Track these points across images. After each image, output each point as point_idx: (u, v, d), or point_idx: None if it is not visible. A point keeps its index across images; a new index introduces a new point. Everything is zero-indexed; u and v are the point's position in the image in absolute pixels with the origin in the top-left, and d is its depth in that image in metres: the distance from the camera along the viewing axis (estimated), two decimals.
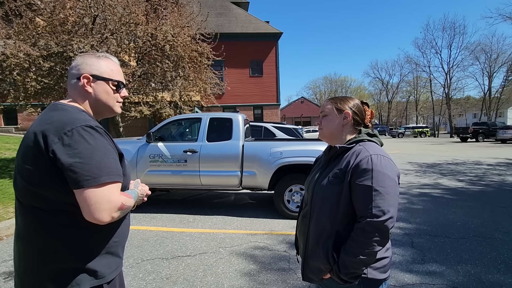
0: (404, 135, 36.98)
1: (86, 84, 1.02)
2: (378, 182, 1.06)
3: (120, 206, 0.90)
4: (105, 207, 0.86)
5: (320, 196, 1.18)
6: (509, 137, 21.34)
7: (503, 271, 2.82)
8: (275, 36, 22.81)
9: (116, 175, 0.92)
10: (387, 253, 1.18)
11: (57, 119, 0.92)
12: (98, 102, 1.05)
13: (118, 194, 0.91)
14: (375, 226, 1.04)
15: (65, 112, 0.95)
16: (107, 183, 0.88)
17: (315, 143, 4.84)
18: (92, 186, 0.86)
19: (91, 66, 1.03)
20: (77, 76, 1.03)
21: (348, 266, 1.07)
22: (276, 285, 2.64)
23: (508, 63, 38.55)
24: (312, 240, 1.19)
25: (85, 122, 0.92)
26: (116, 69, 1.09)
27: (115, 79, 1.07)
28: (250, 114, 22.45)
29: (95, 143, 0.90)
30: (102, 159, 0.90)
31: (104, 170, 0.88)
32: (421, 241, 3.58)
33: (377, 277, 1.13)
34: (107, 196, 0.87)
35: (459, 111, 48.63)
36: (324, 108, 1.28)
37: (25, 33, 7.06)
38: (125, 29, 7.65)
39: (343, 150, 1.20)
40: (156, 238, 3.79)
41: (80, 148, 0.87)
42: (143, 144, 4.85)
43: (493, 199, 5.55)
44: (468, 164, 10.45)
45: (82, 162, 0.86)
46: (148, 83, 9.48)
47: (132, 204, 0.97)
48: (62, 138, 0.87)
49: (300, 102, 51.48)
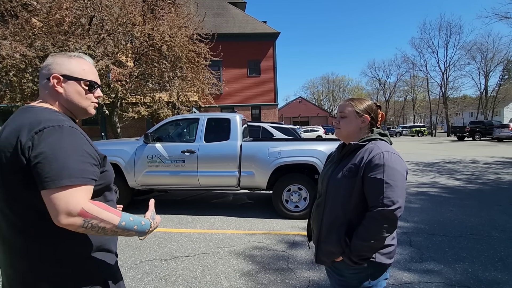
0: (402, 134, 37.11)
1: (56, 84, 0.99)
2: (389, 176, 1.18)
3: (80, 211, 0.82)
4: (61, 210, 0.81)
5: (335, 188, 1.30)
6: (505, 135, 21.45)
7: (500, 269, 2.83)
8: (272, 36, 22.81)
9: (81, 178, 0.86)
10: (393, 241, 1.29)
11: (29, 121, 0.90)
12: (69, 102, 1.02)
13: (80, 198, 0.84)
14: (385, 214, 1.15)
15: (35, 113, 0.93)
16: (67, 187, 0.83)
17: (313, 143, 4.85)
18: (51, 187, 0.82)
19: (61, 65, 1.00)
20: (47, 76, 0.99)
21: (359, 249, 1.20)
22: (275, 285, 2.64)
23: (504, 62, 38.78)
24: (325, 226, 1.31)
25: (57, 122, 0.90)
26: (89, 68, 1.05)
27: (87, 79, 1.03)
28: (248, 114, 22.43)
29: (61, 144, 0.87)
30: (66, 160, 0.85)
31: (66, 172, 0.83)
32: (419, 240, 3.60)
33: (384, 262, 1.25)
34: (65, 199, 0.82)
35: (456, 110, 48.84)
36: (344, 110, 1.35)
37: (21, 34, 7.03)
38: (122, 29, 7.63)
39: (356, 147, 1.30)
40: (155, 239, 3.78)
41: (45, 148, 0.85)
42: (141, 144, 4.84)
43: (490, 197, 5.58)
44: (465, 162, 10.50)
45: (44, 163, 0.83)
46: (145, 84, 9.46)
47: (116, 223, 0.89)
48: (33, 138, 0.86)
49: (298, 102, 51.57)
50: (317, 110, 51.16)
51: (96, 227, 0.85)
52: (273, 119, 22.81)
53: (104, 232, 0.88)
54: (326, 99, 71.55)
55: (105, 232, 0.88)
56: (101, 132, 13.87)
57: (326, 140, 5.61)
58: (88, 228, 0.84)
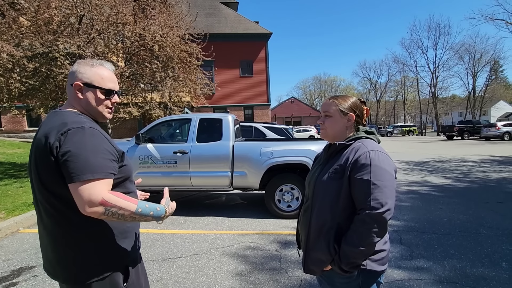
0: (393, 134, 37.65)
1: (78, 91, 1.13)
2: (376, 176, 1.11)
3: (101, 201, 0.95)
4: (85, 201, 0.94)
5: (321, 191, 1.23)
6: (492, 134, 21.98)
7: (487, 265, 2.90)
8: (264, 36, 22.87)
9: (102, 173, 0.99)
10: (385, 246, 1.22)
11: (57, 124, 1.04)
12: (88, 107, 1.15)
13: (101, 190, 0.96)
14: (374, 217, 1.08)
15: (63, 116, 1.08)
16: (89, 180, 0.96)
17: (305, 143, 4.88)
18: (76, 181, 0.95)
19: (82, 74, 1.13)
20: (71, 83, 1.13)
21: (349, 256, 1.12)
22: (267, 285, 2.65)
23: (491, 62, 39.76)
24: (313, 232, 1.24)
25: (80, 124, 1.03)
26: (108, 76, 1.16)
27: (104, 87, 1.15)
28: (240, 115, 22.43)
29: (84, 143, 1.00)
30: (88, 157, 0.98)
31: (88, 168, 0.97)
32: (409, 238, 3.66)
33: (375, 269, 1.18)
34: (88, 191, 0.94)
35: (445, 110, 49.80)
36: (329, 109, 1.29)
37: (8, 33, 6.87)
38: (113, 29, 7.53)
39: (342, 147, 1.25)
40: (147, 240, 3.75)
41: (71, 147, 0.98)
42: (132, 145, 4.79)
43: (478, 195, 5.71)
44: (454, 161, 10.71)
45: (70, 161, 0.97)
46: (137, 84, 9.36)
47: (133, 209, 1.01)
48: (59, 138, 0.99)
49: (290, 102, 51.72)
50: (310, 110, 51.43)
51: (116, 214, 0.98)
52: (265, 119, 22.87)
53: (124, 218, 1.00)
54: (319, 99, 72.00)
55: (125, 218, 1.01)
56: None
57: (318, 140, 5.65)
58: (109, 215, 0.97)
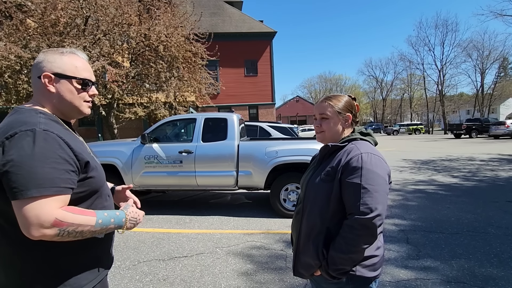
0: (399, 133, 37.27)
1: (48, 84, 0.94)
2: (367, 180, 1.07)
3: (54, 222, 0.78)
4: (32, 222, 0.76)
5: (313, 194, 1.20)
6: (501, 132, 21.60)
7: (496, 265, 2.86)
8: (269, 35, 22.80)
9: (51, 188, 0.80)
10: (378, 252, 1.17)
11: (7, 124, 0.85)
12: (62, 102, 0.96)
13: (51, 209, 0.79)
14: (362, 223, 1.04)
15: (18, 116, 0.88)
16: (35, 198, 0.77)
17: (310, 142, 4.86)
18: (19, 199, 0.77)
19: (52, 63, 0.94)
20: (38, 75, 0.94)
21: (337, 262, 1.08)
22: (273, 284, 2.64)
23: (499, 59, 39.08)
24: (303, 236, 1.20)
25: (31, 126, 0.83)
26: (82, 65, 0.98)
27: (80, 77, 0.97)
28: (245, 114, 22.43)
29: (30, 150, 0.79)
30: (34, 168, 0.78)
31: (33, 182, 0.77)
32: (416, 237, 3.62)
33: (366, 275, 1.13)
34: (34, 211, 0.77)
35: (452, 108, 49.13)
36: (325, 111, 1.23)
37: (15, 35, 6.98)
38: (118, 29, 7.60)
39: (335, 148, 1.21)
40: (153, 239, 3.77)
41: (14, 155, 0.78)
42: (138, 145, 4.83)
43: (486, 194, 5.62)
44: (461, 160, 10.57)
45: (12, 172, 0.77)
46: (142, 84, 9.44)
47: (93, 223, 0.85)
48: (3, 144, 0.80)
49: (295, 101, 51.61)
50: None
51: (73, 233, 0.82)
52: (270, 118, 22.83)
53: (82, 235, 0.85)
54: None
55: (83, 235, 0.85)
56: (98, 133, 13.83)
57: None
58: (64, 236, 0.81)
